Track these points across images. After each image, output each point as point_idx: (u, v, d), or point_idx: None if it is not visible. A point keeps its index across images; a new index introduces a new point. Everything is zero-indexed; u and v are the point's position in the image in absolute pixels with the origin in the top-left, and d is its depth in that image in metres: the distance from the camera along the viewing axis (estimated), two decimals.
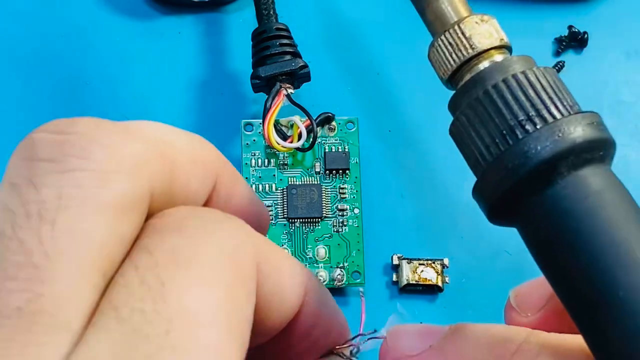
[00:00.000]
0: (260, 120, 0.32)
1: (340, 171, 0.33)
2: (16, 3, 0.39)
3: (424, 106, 0.36)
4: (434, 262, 0.32)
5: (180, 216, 0.13)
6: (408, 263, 0.32)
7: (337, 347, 0.17)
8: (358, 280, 0.31)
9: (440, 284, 0.31)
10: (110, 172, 0.12)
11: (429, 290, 0.32)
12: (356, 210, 0.32)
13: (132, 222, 0.13)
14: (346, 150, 0.33)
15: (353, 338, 0.19)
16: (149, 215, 0.13)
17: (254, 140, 0.33)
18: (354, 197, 0.32)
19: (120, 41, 0.38)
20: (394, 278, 0.32)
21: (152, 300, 0.11)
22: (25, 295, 0.11)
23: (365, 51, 0.38)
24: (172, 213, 0.13)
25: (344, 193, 0.32)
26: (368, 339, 0.21)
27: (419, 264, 0.31)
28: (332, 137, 0.33)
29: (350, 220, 0.32)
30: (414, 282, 0.31)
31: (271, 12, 0.34)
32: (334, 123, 0.33)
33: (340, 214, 0.32)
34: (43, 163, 0.12)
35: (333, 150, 0.33)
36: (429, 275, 0.31)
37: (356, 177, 0.33)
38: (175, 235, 0.13)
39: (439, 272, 0.31)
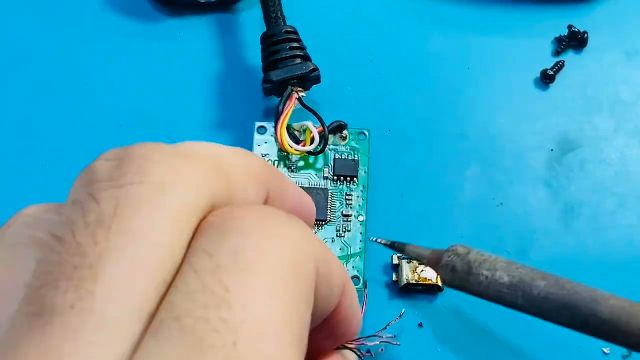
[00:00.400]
0: (272, 124, 0.33)
1: (349, 178, 0.33)
2: (17, 3, 0.39)
3: (424, 106, 0.36)
4: None
5: (238, 214, 0.13)
6: (408, 263, 0.32)
7: (348, 342, 0.18)
8: (358, 287, 0.31)
9: (440, 284, 0.31)
10: (168, 183, 0.13)
11: (429, 290, 0.32)
12: (361, 218, 0.32)
13: (189, 228, 0.13)
14: (356, 159, 0.33)
15: (368, 337, 0.20)
16: None
17: (266, 142, 0.34)
18: (359, 205, 0.33)
19: (122, 42, 0.38)
20: (394, 278, 0.32)
21: (217, 307, 0.11)
22: (79, 293, 0.11)
23: (365, 51, 0.38)
24: (230, 211, 0.13)
25: (349, 200, 0.32)
26: (380, 342, 0.21)
27: (419, 264, 0.31)
28: (344, 145, 0.34)
29: (354, 227, 0.32)
30: (414, 282, 0.31)
31: (279, 15, 0.34)
32: (345, 132, 0.34)
33: (345, 219, 0.32)
34: (103, 182, 0.13)
35: (343, 157, 0.33)
36: (429, 275, 0.31)
37: (364, 186, 0.33)
38: (234, 235, 0.12)
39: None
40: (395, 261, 0.32)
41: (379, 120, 0.36)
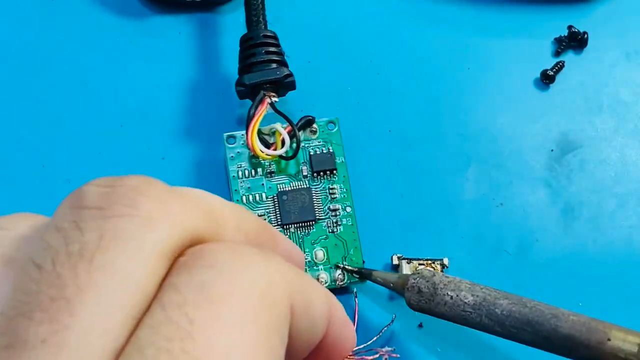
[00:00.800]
0: (243, 132, 0.32)
1: (328, 172, 0.33)
2: (15, 3, 0.39)
3: (424, 106, 0.36)
4: (434, 262, 0.32)
5: (209, 251, 0.13)
6: (408, 263, 0.32)
7: (348, 358, 0.17)
8: (358, 278, 0.31)
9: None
10: (155, 220, 0.12)
11: None
12: (348, 209, 0.32)
13: (167, 265, 0.13)
14: (330, 150, 0.33)
15: (367, 351, 0.20)
16: None
17: (238, 152, 0.33)
18: (344, 196, 0.32)
19: (122, 42, 0.38)
20: None
21: (180, 339, 0.11)
22: (52, 326, 0.11)
23: (365, 51, 0.38)
24: (201, 249, 0.13)
25: (334, 193, 0.32)
26: (379, 354, 0.21)
27: (419, 264, 0.31)
28: (315, 139, 0.33)
29: (344, 219, 0.32)
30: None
31: (260, 19, 0.34)
32: (315, 125, 0.33)
33: (333, 214, 0.32)
34: (90, 210, 0.12)
35: (317, 152, 0.33)
36: None
37: (344, 176, 0.33)
38: (204, 271, 0.12)
39: (439, 272, 0.31)
40: (395, 261, 0.32)
41: (379, 120, 0.36)
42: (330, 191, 0.32)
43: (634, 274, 0.33)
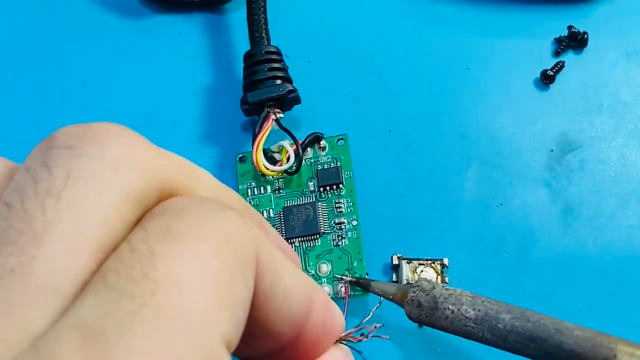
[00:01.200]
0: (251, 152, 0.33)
1: (334, 186, 0.33)
2: (16, 3, 0.39)
3: (424, 106, 0.36)
4: (434, 262, 0.32)
5: (180, 201, 0.13)
6: (408, 263, 0.32)
7: (340, 337, 0.18)
8: (360, 291, 0.31)
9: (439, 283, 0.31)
10: (123, 163, 0.13)
11: None
12: (354, 222, 0.32)
13: (136, 212, 0.13)
14: (338, 165, 0.33)
15: (358, 330, 0.20)
16: None
17: (249, 171, 0.34)
18: (350, 210, 0.32)
19: (122, 41, 0.38)
20: (394, 278, 0.32)
21: (141, 265, 0.12)
22: (20, 258, 0.11)
23: (365, 51, 0.38)
24: (173, 200, 0.13)
25: (339, 207, 0.32)
26: (369, 335, 0.21)
27: (419, 264, 0.31)
28: (324, 155, 0.34)
29: (349, 233, 0.32)
30: (413, 282, 0.31)
31: (263, 35, 0.34)
32: (323, 142, 0.34)
33: (338, 227, 0.32)
34: (59, 149, 0.13)
35: (325, 167, 0.33)
36: (429, 275, 0.31)
37: (351, 190, 0.33)
38: (173, 215, 0.13)
39: (439, 272, 0.31)
40: (395, 261, 0.32)
41: (379, 120, 0.36)
42: (337, 205, 0.32)
43: (634, 274, 0.33)
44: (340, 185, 0.33)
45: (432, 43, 0.38)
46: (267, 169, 0.32)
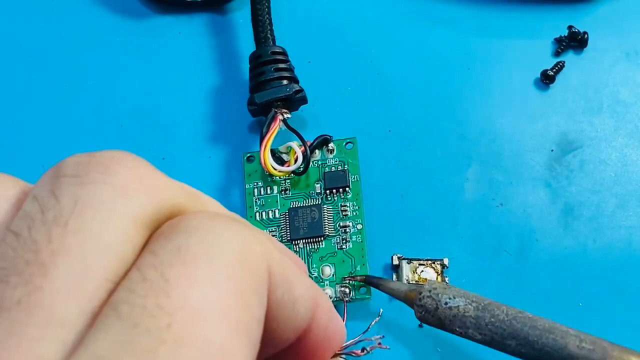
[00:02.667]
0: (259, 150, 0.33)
1: (341, 189, 0.33)
2: (15, 3, 0.39)
3: (424, 106, 0.36)
4: (434, 262, 0.32)
5: (186, 218, 0.13)
6: (408, 263, 0.32)
7: (339, 351, 0.17)
8: (365, 294, 0.31)
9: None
10: (130, 188, 0.13)
11: None
12: (359, 226, 0.32)
13: (145, 236, 0.13)
14: (345, 168, 0.33)
15: (357, 342, 0.19)
16: None
17: (256, 171, 0.34)
18: (355, 214, 0.32)
19: (121, 42, 0.38)
20: (394, 278, 0.32)
21: (155, 295, 0.11)
22: (27, 288, 0.11)
23: (365, 51, 0.38)
24: (179, 218, 0.13)
25: (345, 211, 0.32)
26: (370, 348, 0.21)
27: (419, 264, 0.31)
28: (332, 158, 0.34)
29: (354, 236, 0.32)
30: (414, 282, 0.31)
31: (268, 35, 0.34)
32: (332, 145, 0.34)
33: (343, 230, 0.32)
34: (66, 178, 0.13)
35: (332, 170, 0.33)
36: (429, 275, 0.31)
37: (357, 194, 0.33)
38: (181, 236, 0.12)
39: (439, 272, 0.31)
40: (395, 261, 0.32)
41: (379, 120, 0.36)
42: (342, 208, 0.32)
43: (634, 274, 0.33)
44: (347, 189, 0.33)
45: (432, 43, 0.38)
46: (275, 169, 0.32)
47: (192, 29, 0.38)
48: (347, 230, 0.32)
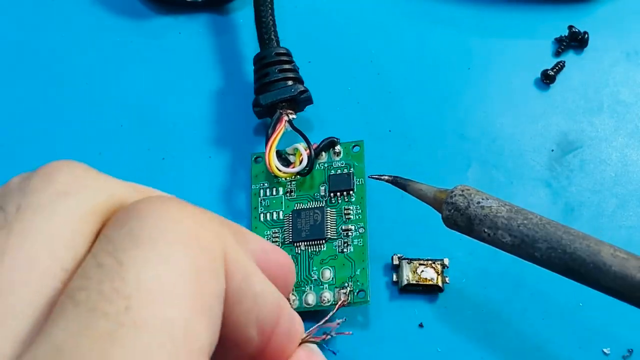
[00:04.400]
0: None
1: (345, 192, 0.33)
2: (15, 3, 0.39)
3: (424, 106, 0.36)
4: (434, 262, 0.32)
5: (140, 204, 0.13)
6: (408, 263, 0.32)
7: (304, 338, 0.17)
8: (363, 298, 0.31)
9: (440, 284, 0.31)
10: (70, 190, 0.13)
11: (429, 290, 0.32)
12: (361, 230, 0.32)
13: (94, 224, 0.13)
14: (350, 171, 0.33)
15: (319, 329, 0.19)
16: None
17: (263, 171, 0.34)
18: (358, 217, 0.32)
19: (122, 42, 0.38)
20: (394, 278, 0.32)
21: (110, 279, 0.11)
22: None
23: (365, 51, 0.38)
24: (133, 203, 0.13)
25: (348, 214, 0.32)
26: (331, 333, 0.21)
27: (419, 264, 0.31)
28: (338, 160, 0.33)
29: (356, 240, 0.32)
30: (414, 282, 0.31)
31: (272, 36, 0.34)
32: (338, 147, 0.34)
33: (345, 234, 0.32)
34: (12, 191, 0.13)
35: (337, 173, 0.33)
36: (429, 275, 0.31)
37: (362, 198, 0.33)
38: (133, 220, 0.12)
39: (439, 272, 0.31)
40: (395, 261, 0.32)
41: (379, 120, 0.36)
42: (345, 211, 0.32)
43: None
44: (351, 192, 0.33)
45: (432, 43, 0.38)
46: (280, 170, 0.32)
47: (193, 29, 0.38)
48: (349, 233, 0.32)
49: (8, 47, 0.38)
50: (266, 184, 0.33)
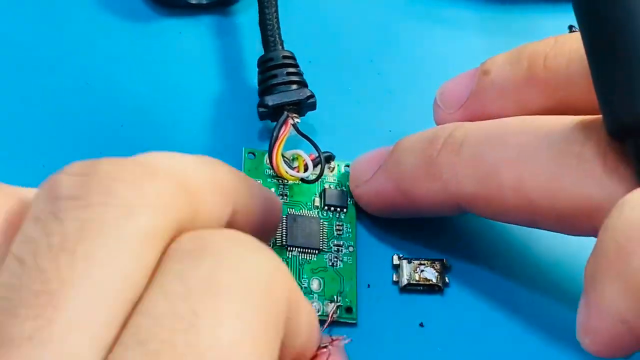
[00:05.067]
0: (261, 150, 0.33)
1: (339, 209, 0.33)
2: (15, 3, 0.39)
3: (424, 106, 0.36)
4: (434, 262, 0.32)
5: (211, 240, 0.13)
6: (408, 263, 0.32)
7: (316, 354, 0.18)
8: (350, 315, 0.31)
9: (440, 284, 0.31)
10: (135, 206, 0.12)
11: (429, 290, 0.32)
12: (350, 249, 0.32)
13: (154, 254, 0.12)
14: (343, 189, 0.33)
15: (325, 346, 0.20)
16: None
17: (256, 168, 0.33)
18: (349, 235, 0.32)
19: (122, 42, 0.38)
20: (394, 278, 0.32)
21: (184, 332, 0.11)
22: (37, 322, 0.11)
23: (365, 51, 0.38)
24: (203, 236, 0.13)
25: (339, 230, 0.32)
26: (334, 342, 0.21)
27: (419, 264, 0.31)
28: (332, 176, 0.33)
29: (345, 258, 0.32)
30: (414, 282, 0.31)
31: (277, 39, 0.34)
32: (334, 163, 0.34)
33: (335, 249, 0.32)
34: (67, 200, 0.12)
35: (332, 187, 0.33)
36: (429, 275, 0.31)
37: (352, 218, 0.33)
38: (208, 261, 0.12)
39: (439, 272, 0.31)
40: (395, 261, 0.32)
41: (379, 120, 0.36)
42: (337, 227, 0.32)
43: None
44: (344, 210, 0.33)
45: (432, 43, 0.38)
46: (288, 173, 0.32)
47: (195, 31, 0.38)
48: (340, 250, 0.32)
49: (7, 47, 0.38)
50: (259, 182, 0.33)
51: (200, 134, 0.36)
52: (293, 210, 0.33)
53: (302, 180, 0.33)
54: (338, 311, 0.31)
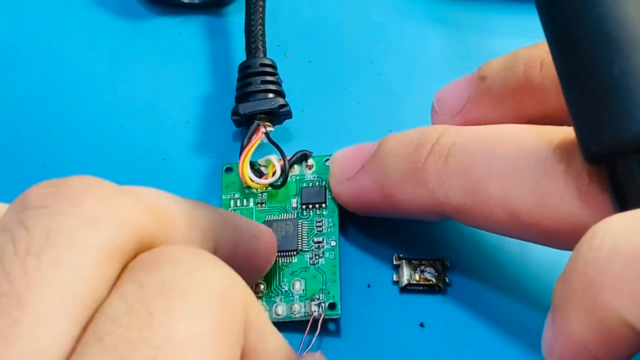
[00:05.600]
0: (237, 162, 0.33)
1: (317, 205, 0.32)
2: (15, 3, 0.39)
3: (424, 106, 0.36)
4: (434, 262, 0.32)
5: (171, 251, 0.13)
6: (408, 263, 0.32)
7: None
8: (334, 312, 0.30)
9: (440, 284, 0.31)
10: (100, 218, 0.13)
11: (430, 290, 0.32)
12: (332, 243, 0.32)
13: (117, 265, 0.13)
14: (323, 184, 0.33)
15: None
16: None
17: (234, 182, 0.33)
18: (330, 230, 0.32)
19: (122, 42, 0.38)
20: (395, 278, 0.32)
21: (139, 328, 0.11)
22: (3, 321, 0.11)
23: (365, 51, 0.38)
24: (163, 248, 0.13)
25: (320, 226, 0.32)
26: None
27: (420, 264, 0.31)
28: (311, 173, 0.33)
29: (327, 253, 0.32)
30: (414, 282, 0.31)
31: (259, 46, 0.34)
32: (311, 160, 0.34)
33: (316, 246, 0.32)
34: (35, 209, 0.13)
35: (310, 186, 0.33)
36: (429, 275, 0.31)
37: (333, 211, 0.32)
38: (166, 268, 0.13)
39: (439, 272, 0.31)
40: (395, 261, 0.32)
41: (379, 120, 0.36)
42: (317, 224, 0.32)
43: None
44: (323, 205, 0.33)
45: (432, 43, 0.38)
46: (252, 181, 0.32)
47: (192, 30, 0.38)
48: (321, 246, 0.32)
49: (6, 47, 0.38)
50: (237, 195, 0.33)
51: (190, 138, 0.36)
52: (272, 216, 0.33)
53: (271, 185, 0.33)
54: (321, 307, 0.30)
